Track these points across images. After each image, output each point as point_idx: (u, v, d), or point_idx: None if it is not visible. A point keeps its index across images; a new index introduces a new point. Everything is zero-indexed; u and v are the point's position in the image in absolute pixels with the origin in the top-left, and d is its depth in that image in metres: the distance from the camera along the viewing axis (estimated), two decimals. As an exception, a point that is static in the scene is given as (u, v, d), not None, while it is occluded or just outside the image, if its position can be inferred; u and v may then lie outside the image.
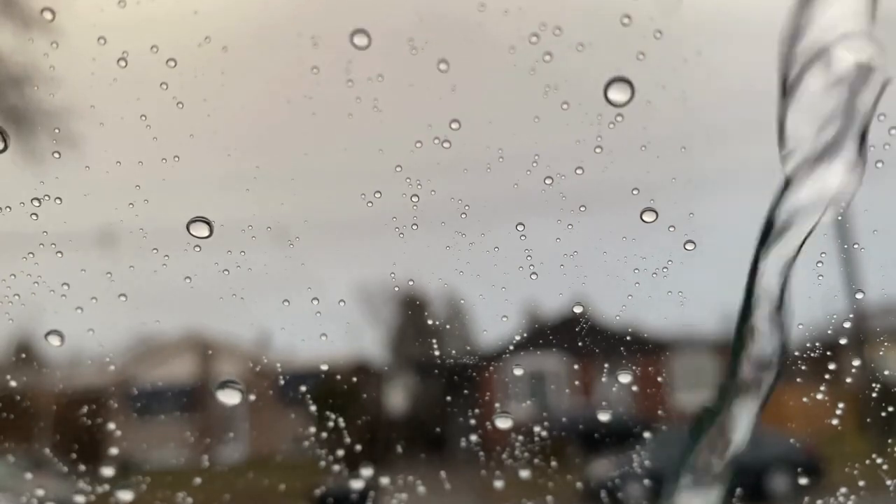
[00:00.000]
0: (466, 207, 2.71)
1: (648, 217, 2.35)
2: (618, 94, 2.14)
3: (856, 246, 2.68)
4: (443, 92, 2.41)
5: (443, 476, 3.68)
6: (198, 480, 3.60)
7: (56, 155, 2.61)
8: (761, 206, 2.19)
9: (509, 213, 2.67)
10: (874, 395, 2.90)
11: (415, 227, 2.67)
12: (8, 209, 2.60)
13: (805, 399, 3.09)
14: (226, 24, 2.35)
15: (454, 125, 2.42)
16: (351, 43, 2.16)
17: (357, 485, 3.18)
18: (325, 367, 2.98)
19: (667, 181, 2.58)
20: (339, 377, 3.28)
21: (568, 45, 2.32)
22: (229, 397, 2.35)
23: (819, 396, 3.03)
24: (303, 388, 3.10)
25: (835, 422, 3.04)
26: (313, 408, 3.58)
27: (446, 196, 2.64)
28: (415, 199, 2.62)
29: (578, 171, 2.50)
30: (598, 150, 2.47)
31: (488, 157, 2.66)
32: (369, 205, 2.58)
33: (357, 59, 2.22)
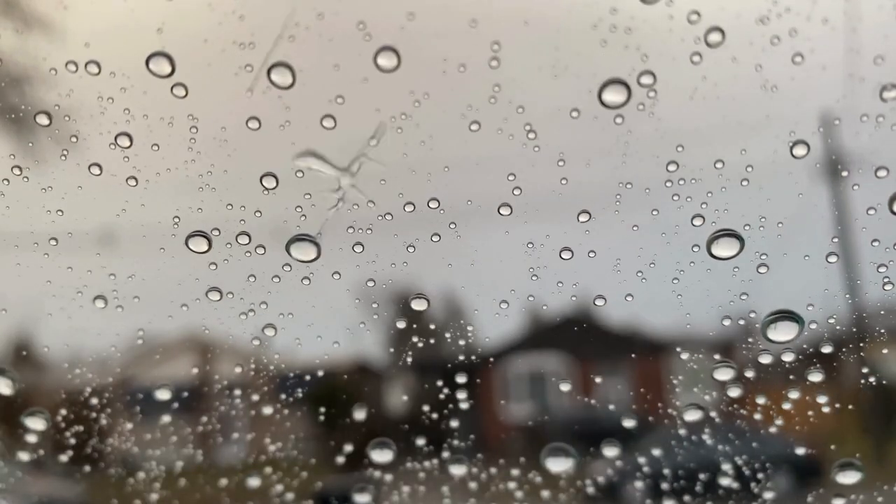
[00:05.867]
0: (468, 207, 2.71)
1: (653, 217, 2.35)
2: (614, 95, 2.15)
3: (855, 247, 2.68)
4: (447, 95, 2.41)
5: (442, 475, 3.68)
6: (198, 480, 3.60)
7: (56, 155, 2.61)
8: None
9: (510, 212, 2.67)
10: (874, 395, 2.91)
11: (416, 226, 2.67)
12: (8, 209, 2.60)
13: (805, 399, 3.09)
14: (228, 23, 2.35)
15: (457, 127, 2.42)
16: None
17: (357, 485, 3.19)
18: (325, 368, 2.98)
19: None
20: (339, 377, 3.28)
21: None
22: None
23: (819, 397, 3.03)
24: (303, 388, 3.10)
25: (834, 422, 3.04)
26: (313, 408, 3.59)
27: (447, 195, 2.64)
28: (416, 198, 2.62)
29: (583, 172, 2.50)
30: (598, 151, 2.47)
31: (491, 158, 2.66)
32: (370, 205, 2.59)
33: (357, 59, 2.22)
